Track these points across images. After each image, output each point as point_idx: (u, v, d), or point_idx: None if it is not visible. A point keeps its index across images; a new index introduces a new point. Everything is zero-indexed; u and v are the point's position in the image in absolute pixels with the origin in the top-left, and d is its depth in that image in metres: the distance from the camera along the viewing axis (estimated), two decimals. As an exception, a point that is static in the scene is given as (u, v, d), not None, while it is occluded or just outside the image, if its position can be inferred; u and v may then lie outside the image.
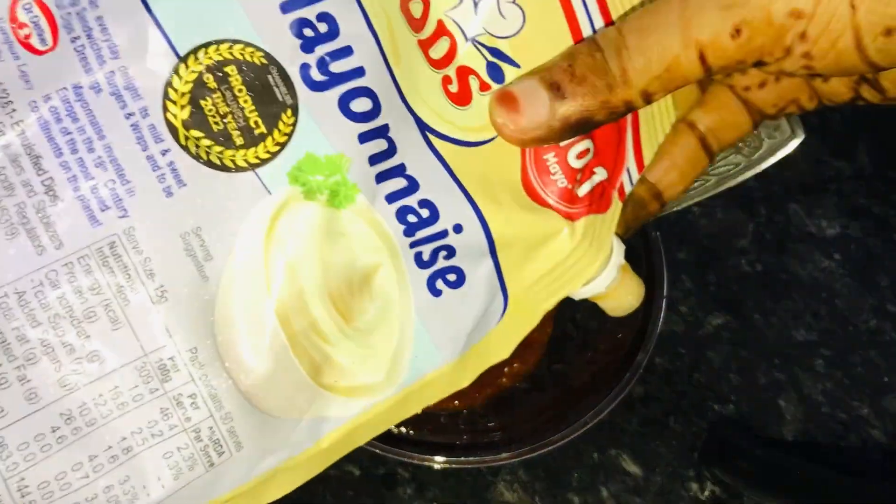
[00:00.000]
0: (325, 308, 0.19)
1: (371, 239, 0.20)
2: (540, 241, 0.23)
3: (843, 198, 0.47)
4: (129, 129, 0.17)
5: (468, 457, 0.32)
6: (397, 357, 0.21)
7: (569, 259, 0.23)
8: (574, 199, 0.23)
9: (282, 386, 0.19)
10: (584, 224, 0.23)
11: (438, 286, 0.21)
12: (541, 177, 0.22)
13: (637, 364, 0.33)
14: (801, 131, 0.29)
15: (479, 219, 0.21)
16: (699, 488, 0.38)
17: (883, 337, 0.42)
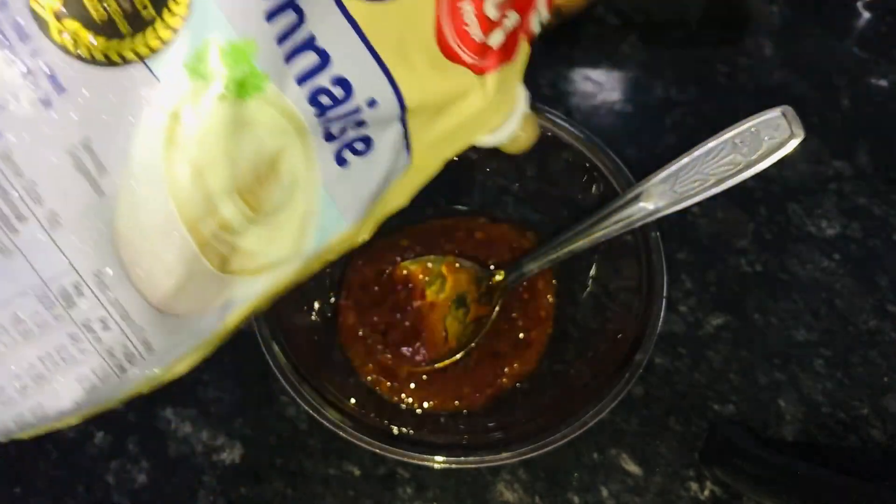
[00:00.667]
0: (234, 204, 0.17)
1: (279, 124, 0.18)
2: (451, 100, 0.21)
3: (843, 198, 0.47)
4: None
5: (468, 457, 0.32)
6: (303, 230, 0.20)
7: (476, 114, 0.22)
8: (486, 52, 0.21)
9: (192, 289, 0.18)
10: (495, 77, 0.22)
11: (345, 156, 0.20)
12: (455, 30, 0.20)
13: (637, 364, 0.33)
14: (801, 131, 0.29)
15: (394, 89, 0.19)
16: (699, 488, 0.38)
17: (883, 337, 0.42)
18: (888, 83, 0.52)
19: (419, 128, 0.21)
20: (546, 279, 0.41)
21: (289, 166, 0.19)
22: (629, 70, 0.52)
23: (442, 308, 0.40)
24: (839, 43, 0.54)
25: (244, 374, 0.41)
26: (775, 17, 0.55)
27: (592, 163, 0.38)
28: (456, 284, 0.40)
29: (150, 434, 0.39)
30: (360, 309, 0.40)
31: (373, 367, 0.39)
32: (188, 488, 0.38)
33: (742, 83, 0.52)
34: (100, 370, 0.17)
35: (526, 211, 0.43)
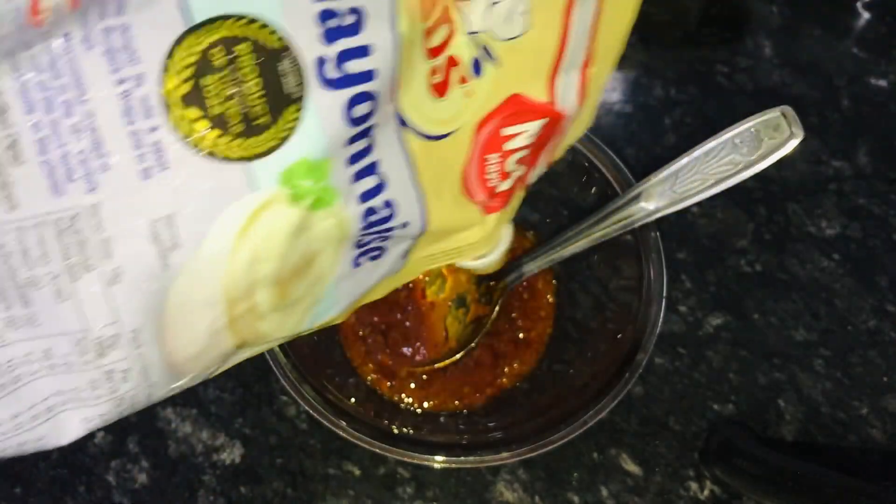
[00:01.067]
0: (269, 293, 0.19)
1: (333, 232, 0.19)
2: (457, 230, 0.24)
3: (843, 198, 0.47)
4: (118, 96, 0.15)
5: (468, 456, 0.32)
6: (304, 315, 0.21)
7: (473, 245, 0.25)
8: (494, 195, 0.24)
9: (208, 357, 0.19)
10: (495, 217, 0.24)
11: (361, 261, 0.21)
12: (478, 174, 0.23)
13: (637, 364, 0.33)
14: (800, 131, 0.29)
15: (422, 216, 0.21)
16: (699, 488, 0.38)
17: (882, 337, 0.42)
18: (888, 83, 0.52)
19: (423, 245, 0.24)
20: (546, 279, 0.41)
21: (320, 265, 0.20)
22: (629, 70, 0.52)
23: (442, 308, 0.40)
24: (839, 43, 0.54)
25: (244, 374, 0.41)
26: (775, 18, 0.55)
27: (592, 163, 0.38)
28: (456, 284, 0.40)
29: (151, 434, 0.39)
30: (360, 309, 0.40)
31: (373, 367, 0.39)
32: (188, 488, 0.38)
33: (742, 83, 0.52)
34: (106, 415, 0.18)
35: (526, 211, 0.43)
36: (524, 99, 0.22)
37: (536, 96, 0.22)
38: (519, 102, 0.22)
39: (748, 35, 0.54)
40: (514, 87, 0.22)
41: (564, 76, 0.23)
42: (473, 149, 0.22)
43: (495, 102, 0.22)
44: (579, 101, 0.24)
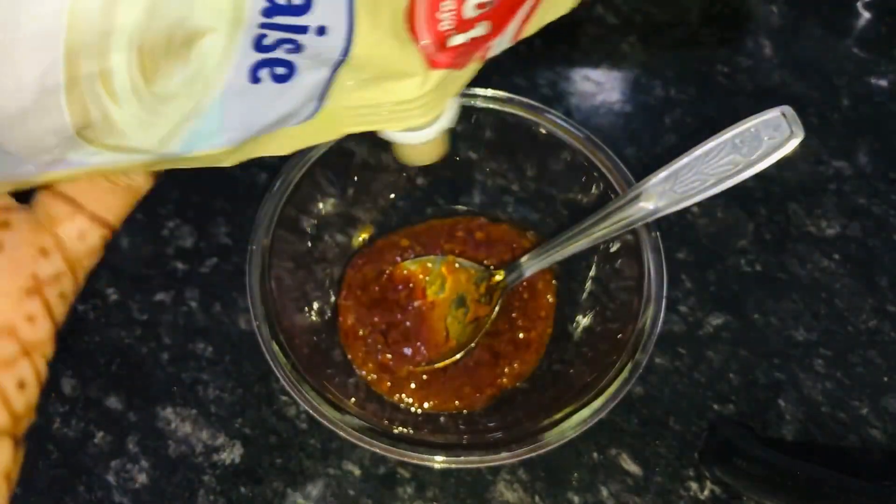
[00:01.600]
0: (129, 60, 0.15)
1: (222, 1, 0.15)
2: (390, 74, 0.20)
3: (843, 198, 0.47)
4: None
5: (468, 456, 0.32)
6: (177, 128, 0.17)
7: (405, 104, 0.21)
8: (443, 48, 0.20)
9: (34, 128, 0.15)
10: (439, 76, 0.20)
11: (261, 74, 0.17)
12: (429, 9, 0.19)
13: (637, 364, 0.33)
14: (801, 131, 0.29)
15: (349, 29, 0.17)
16: (699, 488, 0.38)
17: (883, 337, 0.42)
18: (888, 83, 0.52)
19: (343, 87, 0.19)
20: (546, 279, 0.41)
21: (202, 53, 0.16)
22: (629, 70, 0.52)
23: (442, 308, 0.40)
24: (839, 43, 0.54)
25: (244, 374, 0.41)
26: (775, 17, 0.55)
27: (592, 163, 0.38)
28: (456, 284, 0.40)
29: (151, 434, 0.39)
30: (360, 309, 0.40)
31: (373, 367, 0.39)
32: (188, 488, 0.38)
33: (742, 83, 0.52)
34: None
35: (526, 211, 0.43)
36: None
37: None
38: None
39: (748, 35, 0.54)
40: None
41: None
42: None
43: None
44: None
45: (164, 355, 0.41)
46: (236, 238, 0.45)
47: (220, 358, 0.41)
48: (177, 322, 0.42)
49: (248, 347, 0.42)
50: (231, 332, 0.42)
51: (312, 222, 0.40)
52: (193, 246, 0.45)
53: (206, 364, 0.41)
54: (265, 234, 0.35)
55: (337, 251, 0.42)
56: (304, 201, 0.39)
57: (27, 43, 0.13)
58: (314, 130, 0.21)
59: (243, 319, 0.42)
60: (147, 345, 0.42)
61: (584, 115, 0.50)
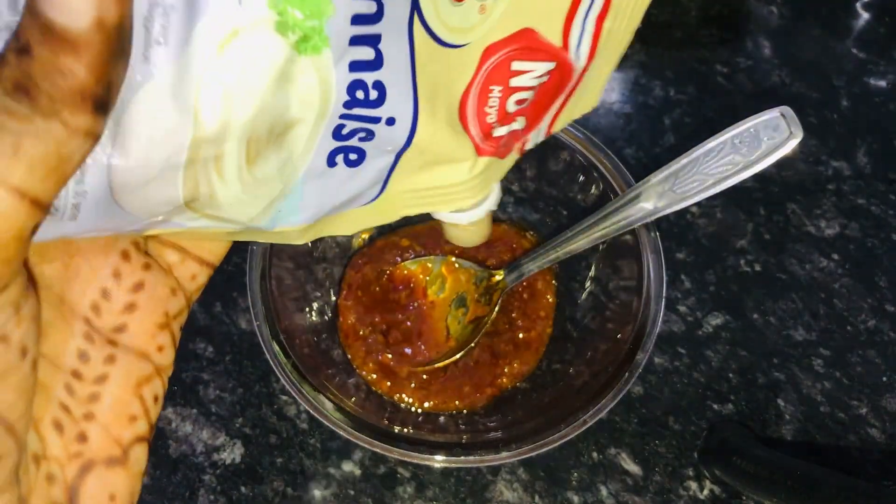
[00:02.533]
0: (238, 148, 0.17)
1: (313, 96, 0.18)
2: (444, 161, 0.22)
3: (842, 198, 0.47)
4: None
5: (468, 456, 0.32)
6: (268, 207, 0.20)
7: (455, 187, 0.23)
8: (489, 137, 0.22)
9: (151, 196, 0.17)
10: (485, 162, 0.23)
11: (337, 160, 0.20)
12: (478, 103, 0.22)
13: (636, 364, 0.33)
14: (800, 131, 0.29)
15: (413, 120, 0.20)
16: (698, 487, 0.38)
17: (882, 337, 0.42)
18: (887, 83, 0.52)
19: (405, 170, 0.22)
20: (546, 279, 0.41)
21: (293, 141, 0.18)
22: (628, 70, 0.53)
23: (442, 308, 0.40)
24: (838, 43, 0.54)
25: (245, 374, 0.41)
26: (774, 18, 0.55)
27: (592, 163, 0.38)
28: (456, 284, 0.40)
29: (151, 434, 0.39)
30: (360, 309, 0.40)
31: (373, 367, 0.39)
32: (189, 487, 0.38)
33: (741, 83, 0.52)
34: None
35: (526, 211, 0.44)
36: (537, 36, 0.21)
37: (550, 37, 0.22)
38: (531, 38, 0.21)
39: (747, 35, 0.54)
40: (527, 21, 0.21)
41: (580, 23, 0.22)
42: (478, 73, 0.21)
43: (508, 31, 0.21)
44: (590, 55, 0.23)
45: (164, 355, 0.41)
46: (236, 238, 0.45)
47: (220, 357, 0.41)
48: (177, 322, 0.42)
49: (248, 347, 0.42)
50: (231, 332, 0.42)
51: (313, 222, 0.40)
52: (194, 246, 0.45)
53: (206, 364, 0.41)
54: (265, 234, 0.35)
55: (337, 251, 0.42)
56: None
57: (161, 120, 0.16)
58: (376, 212, 0.23)
59: (244, 319, 0.43)
60: (147, 345, 0.42)
61: (584, 116, 0.50)
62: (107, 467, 0.17)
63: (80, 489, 0.16)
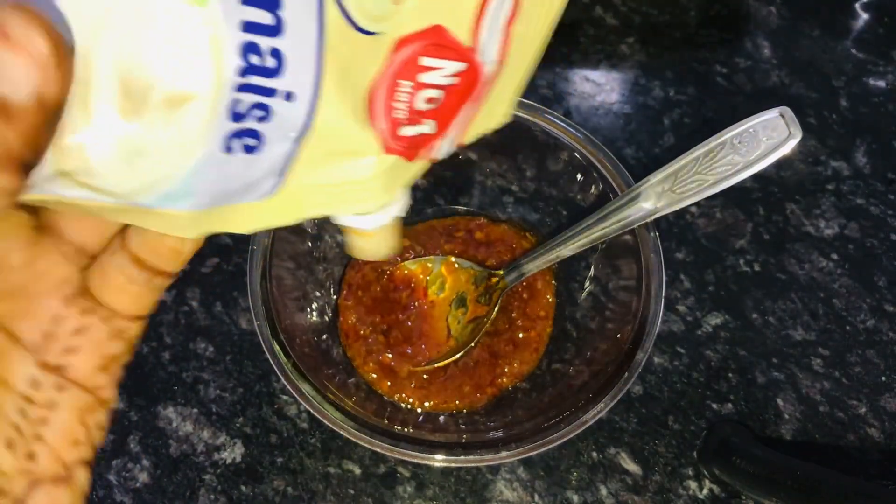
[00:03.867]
0: (107, 85, 0.16)
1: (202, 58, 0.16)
2: (347, 153, 0.22)
3: (841, 198, 0.47)
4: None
5: (468, 455, 0.32)
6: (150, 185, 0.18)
7: (360, 184, 0.23)
8: (395, 136, 0.22)
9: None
10: (391, 161, 0.23)
11: (233, 144, 0.18)
12: (387, 96, 0.21)
13: (636, 363, 0.33)
14: (799, 131, 0.29)
15: (313, 99, 0.19)
16: (698, 487, 0.38)
17: (881, 336, 0.42)
18: (886, 83, 0.52)
19: (305, 161, 0.21)
20: (546, 279, 0.42)
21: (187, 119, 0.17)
22: (628, 71, 0.53)
23: (442, 308, 0.40)
24: (837, 43, 0.54)
25: (245, 374, 0.41)
26: (773, 18, 0.55)
27: (591, 163, 0.38)
28: (456, 284, 0.40)
29: (152, 433, 0.39)
30: (360, 308, 0.40)
31: (373, 367, 0.39)
32: (189, 487, 0.38)
33: (740, 84, 0.52)
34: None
35: (526, 211, 0.44)
36: (447, 33, 0.21)
37: (459, 35, 0.21)
38: (441, 34, 0.21)
39: (747, 36, 0.54)
40: (438, 17, 0.21)
41: (488, 24, 0.22)
42: (388, 65, 0.21)
43: (419, 25, 0.21)
44: (499, 58, 0.23)
45: (165, 355, 0.41)
46: (237, 238, 0.45)
47: (221, 357, 0.42)
48: (178, 321, 0.42)
49: (248, 347, 0.42)
50: (232, 332, 0.42)
51: (313, 222, 0.40)
52: (194, 246, 0.45)
53: (207, 363, 0.41)
54: (266, 234, 0.35)
55: (337, 251, 0.42)
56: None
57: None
58: (274, 209, 0.22)
59: (244, 319, 0.43)
60: (148, 344, 0.42)
61: (584, 116, 0.50)
62: (53, 485, 0.18)
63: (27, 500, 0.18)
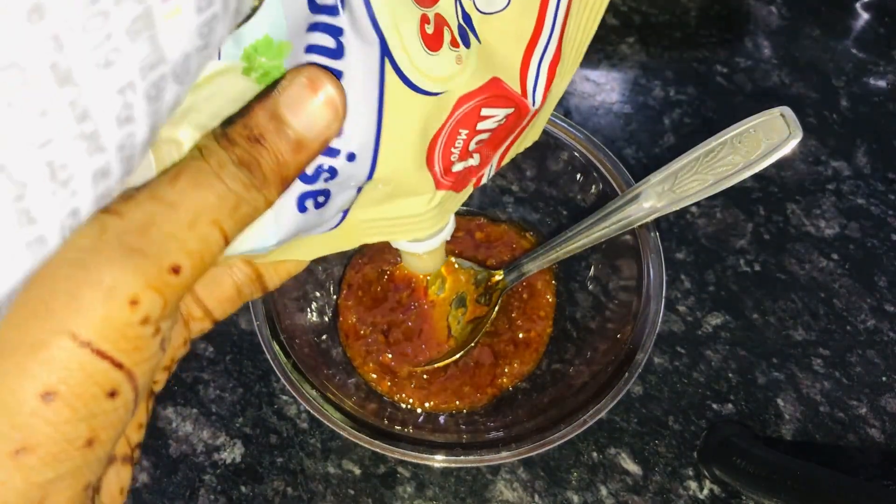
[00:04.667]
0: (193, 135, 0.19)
1: None
2: (405, 194, 0.23)
3: (842, 198, 0.47)
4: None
5: (468, 455, 0.32)
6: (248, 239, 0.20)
7: (413, 218, 0.24)
8: (448, 173, 0.24)
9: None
10: (442, 195, 0.24)
11: (307, 204, 0.21)
12: (446, 144, 0.23)
13: (636, 364, 0.33)
14: (799, 131, 0.29)
15: (373, 158, 0.21)
16: (698, 487, 0.38)
17: (881, 336, 0.42)
18: (886, 83, 0.52)
19: (364, 202, 0.23)
20: (545, 279, 0.42)
21: None
22: (628, 70, 0.53)
23: (442, 308, 0.40)
24: (837, 43, 0.54)
25: (245, 374, 0.41)
26: (774, 18, 0.55)
27: (591, 163, 0.38)
28: (455, 284, 0.40)
29: (151, 433, 0.39)
30: (360, 308, 0.40)
31: (373, 367, 0.39)
32: (189, 487, 0.38)
33: (740, 84, 0.52)
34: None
35: (526, 211, 0.44)
36: (503, 84, 0.23)
37: (512, 85, 0.23)
38: (499, 86, 0.23)
39: (747, 35, 0.54)
40: (494, 70, 0.22)
41: (535, 68, 0.24)
42: (450, 118, 0.22)
43: (480, 81, 0.22)
44: (543, 98, 0.25)
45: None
46: (237, 238, 0.45)
47: (220, 357, 0.42)
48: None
49: (248, 347, 0.42)
50: (232, 332, 0.42)
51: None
52: (194, 246, 0.45)
53: (206, 363, 0.41)
54: (266, 234, 0.35)
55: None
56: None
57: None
58: (336, 239, 0.24)
59: (244, 319, 0.43)
60: (148, 344, 0.42)
61: (584, 116, 0.50)
62: (122, 463, 0.19)
63: (103, 478, 0.18)
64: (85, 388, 0.14)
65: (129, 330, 0.15)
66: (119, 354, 0.15)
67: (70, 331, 0.14)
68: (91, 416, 0.15)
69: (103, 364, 0.15)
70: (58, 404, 0.14)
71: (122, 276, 0.15)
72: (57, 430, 0.14)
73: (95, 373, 0.14)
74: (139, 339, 0.15)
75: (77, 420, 0.14)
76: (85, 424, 0.15)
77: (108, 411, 0.15)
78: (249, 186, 0.17)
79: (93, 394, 0.14)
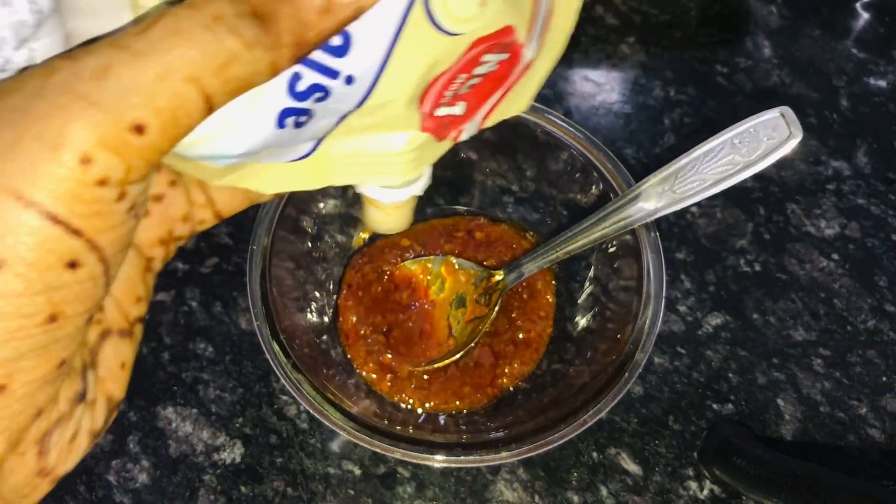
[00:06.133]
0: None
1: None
2: (387, 128, 0.22)
3: (842, 198, 0.47)
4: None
5: (468, 456, 0.32)
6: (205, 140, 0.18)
7: (390, 158, 0.23)
8: (431, 115, 0.22)
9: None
10: (422, 139, 0.23)
11: (287, 122, 0.19)
12: (443, 86, 0.21)
13: (636, 364, 0.33)
14: (799, 131, 0.29)
15: (371, 86, 0.19)
16: (698, 487, 0.38)
17: (881, 337, 0.42)
18: (887, 83, 0.52)
19: (341, 131, 0.21)
20: (546, 279, 0.41)
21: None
22: (628, 70, 0.53)
23: (442, 308, 0.40)
24: (838, 43, 0.54)
25: (245, 374, 0.41)
26: (774, 18, 0.55)
27: (592, 163, 0.38)
28: (455, 284, 0.40)
29: (151, 433, 0.39)
30: (360, 309, 0.40)
31: (373, 367, 0.39)
32: (189, 487, 0.38)
33: (741, 83, 0.52)
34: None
35: (526, 211, 0.44)
36: (514, 32, 0.21)
37: (520, 31, 0.22)
38: (509, 34, 0.21)
39: (747, 35, 0.54)
40: (511, 16, 0.21)
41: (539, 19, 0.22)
42: (458, 61, 0.21)
43: (496, 26, 0.21)
44: (538, 49, 0.23)
45: (164, 355, 0.41)
46: (237, 238, 0.45)
47: (220, 357, 0.41)
48: (177, 322, 0.42)
49: (248, 347, 0.42)
50: (231, 332, 0.42)
51: (313, 222, 0.40)
52: (194, 246, 0.45)
53: (206, 364, 0.41)
54: (266, 234, 0.35)
55: (337, 251, 0.42)
56: (304, 201, 0.39)
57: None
58: (302, 174, 0.22)
59: (244, 319, 0.43)
60: (148, 344, 0.42)
61: (584, 116, 0.50)
62: (119, 337, 0.18)
63: (98, 352, 0.17)
64: (37, 255, 0.13)
65: (85, 192, 0.13)
66: (74, 219, 0.13)
67: (13, 189, 0.12)
68: (49, 289, 0.13)
69: (56, 230, 0.13)
70: (6, 275, 0.13)
71: (67, 127, 0.12)
72: (10, 304, 0.13)
73: (48, 240, 0.13)
74: (98, 204, 0.13)
75: (32, 293, 0.13)
76: (43, 298, 0.13)
77: (69, 283, 0.14)
78: (255, 44, 0.14)
79: (48, 263, 0.13)
